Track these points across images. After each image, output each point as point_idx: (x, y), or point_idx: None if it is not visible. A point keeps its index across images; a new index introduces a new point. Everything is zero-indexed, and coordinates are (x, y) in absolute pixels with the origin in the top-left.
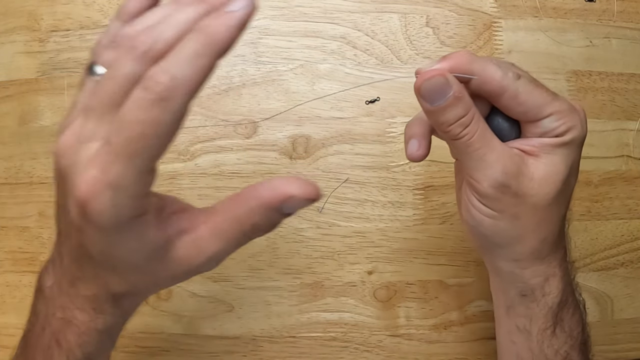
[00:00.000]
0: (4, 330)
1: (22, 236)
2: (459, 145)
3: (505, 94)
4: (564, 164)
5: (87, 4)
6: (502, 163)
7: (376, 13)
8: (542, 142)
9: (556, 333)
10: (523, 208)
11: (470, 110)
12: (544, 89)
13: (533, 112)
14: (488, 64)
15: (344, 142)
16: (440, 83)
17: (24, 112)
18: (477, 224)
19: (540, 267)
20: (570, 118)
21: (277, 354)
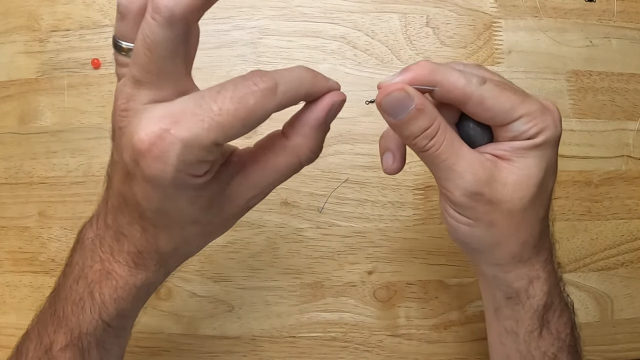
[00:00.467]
0: (4, 330)
1: (22, 236)
2: (426, 157)
3: (470, 101)
4: (537, 166)
5: (87, 4)
6: (472, 171)
7: (376, 13)
8: (514, 146)
9: (543, 335)
10: (498, 215)
11: (435, 121)
12: (512, 91)
13: (501, 117)
14: (450, 72)
15: (344, 142)
16: (400, 97)
17: (24, 112)
18: (454, 231)
19: (522, 270)
20: (542, 119)
21: (277, 354)
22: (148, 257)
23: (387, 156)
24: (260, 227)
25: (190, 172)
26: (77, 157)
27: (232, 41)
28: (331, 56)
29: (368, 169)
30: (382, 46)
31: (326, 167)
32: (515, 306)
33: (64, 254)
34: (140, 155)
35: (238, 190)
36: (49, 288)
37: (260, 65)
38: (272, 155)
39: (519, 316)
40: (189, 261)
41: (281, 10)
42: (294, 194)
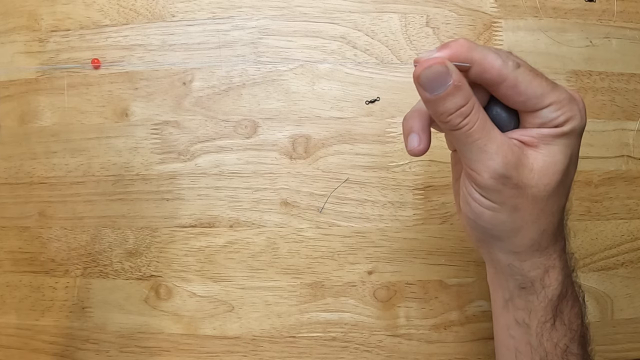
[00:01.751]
0: (3, 331)
1: (22, 236)
2: (458, 136)
3: (504, 82)
4: (563, 154)
5: (87, 4)
6: (502, 154)
7: (376, 13)
8: (541, 133)
9: (556, 326)
10: (523, 200)
11: (470, 99)
12: (543, 78)
13: (532, 102)
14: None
15: (344, 142)
16: (439, 72)
17: (24, 112)
18: (476, 216)
19: (539, 259)
20: (570, 108)
21: (277, 354)
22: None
23: (412, 137)
24: (260, 227)
25: None
26: (77, 157)
27: (232, 41)
28: (331, 56)
29: (368, 169)
30: (382, 46)
31: (326, 167)
32: (529, 296)
33: (64, 254)
34: None
35: None
36: (49, 288)
37: (260, 65)
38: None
39: (532, 307)
40: (189, 261)
41: (281, 10)
42: (294, 194)
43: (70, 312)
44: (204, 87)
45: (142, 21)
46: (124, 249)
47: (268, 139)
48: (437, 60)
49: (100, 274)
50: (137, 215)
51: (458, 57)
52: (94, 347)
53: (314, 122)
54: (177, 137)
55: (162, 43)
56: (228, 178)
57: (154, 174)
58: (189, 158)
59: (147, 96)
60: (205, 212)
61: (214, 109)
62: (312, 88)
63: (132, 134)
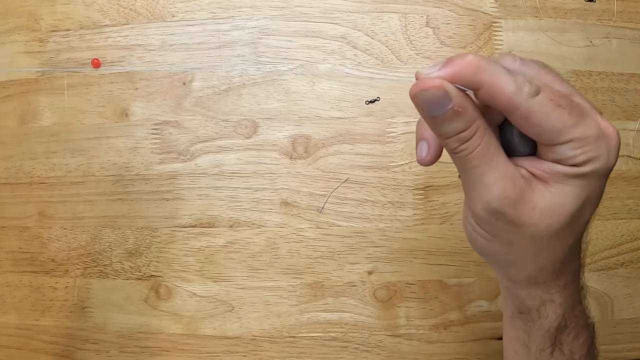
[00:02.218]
0: (3, 331)
1: (22, 236)
2: (456, 159)
3: (515, 112)
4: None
5: (87, 4)
6: (500, 187)
7: (376, 13)
8: (555, 169)
9: (555, 355)
10: (519, 237)
11: (473, 124)
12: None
13: (548, 137)
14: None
15: (344, 142)
16: (437, 95)
17: (24, 112)
18: (472, 240)
19: (536, 292)
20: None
21: (277, 354)
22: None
23: (421, 146)
24: (260, 227)
25: None
26: (77, 157)
27: (232, 41)
28: (331, 56)
29: (368, 169)
30: (382, 46)
31: (326, 167)
32: (527, 322)
33: (64, 254)
34: None
35: None
36: (49, 288)
37: (260, 65)
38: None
39: (531, 331)
40: (189, 261)
41: (281, 10)
42: (294, 194)
43: (70, 312)
44: (204, 87)
45: (142, 21)
46: (124, 249)
47: (268, 139)
48: (436, 83)
49: (100, 274)
50: (137, 215)
51: (462, 79)
52: (94, 347)
53: (314, 122)
54: (177, 137)
55: (162, 43)
56: (228, 178)
57: (154, 174)
58: (189, 158)
59: (147, 96)
60: (205, 212)
61: (214, 109)
62: (312, 88)
63: (132, 134)
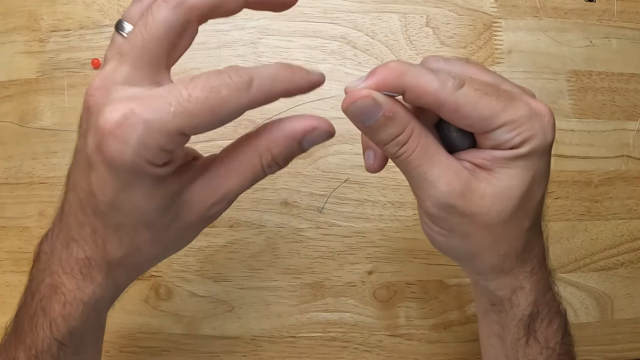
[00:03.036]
0: (4, 331)
1: (22, 236)
2: (398, 164)
3: (443, 107)
4: (520, 178)
5: (87, 4)
6: (445, 181)
7: (376, 13)
8: (495, 155)
9: (530, 344)
10: (473, 227)
11: (407, 126)
12: (494, 95)
13: (479, 125)
14: (421, 75)
15: (344, 142)
16: (366, 105)
17: (24, 112)
18: (430, 239)
19: (505, 280)
20: (528, 126)
21: (277, 354)
22: (95, 266)
23: (368, 154)
24: (260, 227)
25: (149, 158)
26: None
27: (232, 41)
28: (331, 56)
29: None
30: (382, 46)
31: (326, 167)
32: (499, 313)
33: None
34: (103, 136)
35: (199, 194)
36: None
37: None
38: (236, 154)
39: (504, 322)
40: (189, 261)
41: None
42: (294, 194)
43: None
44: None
45: None
46: None
47: None
48: (363, 93)
49: None
50: None
51: (387, 85)
52: None
53: None
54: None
55: None
56: None
57: None
58: None
59: None
60: None
61: None
62: None
63: None
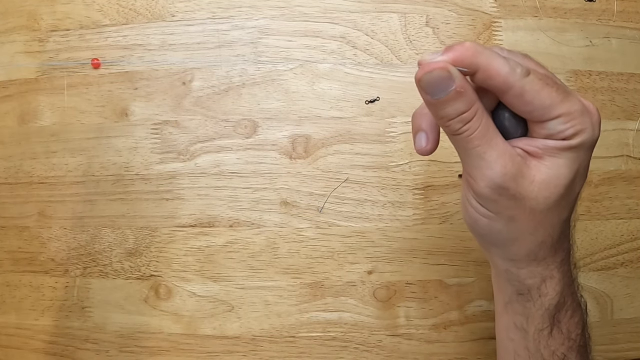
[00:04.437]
0: (3, 331)
1: (22, 236)
2: (458, 141)
3: (510, 91)
4: (568, 168)
5: (87, 4)
6: (502, 163)
7: (376, 13)
8: (547, 145)
9: (553, 334)
10: (520, 211)
11: (474, 105)
12: (555, 87)
13: (539, 113)
14: (495, 58)
15: (344, 142)
16: (442, 77)
17: (24, 112)
18: (472, 222)
19: (537, 269)
20: (581, 121)
21: (277, 354)
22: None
23: (420, 136)
24: (260, 227)
25: None
26: (77, 157)
27: (232, 41)
28: (331, 56)
29: (368, 169)
30: (382, 46)
31: (326, 167)
32: (526, 303)
33: (64, 254)
34: None
35: None
36: (49, 288)
37: (260, 65)
38: None
39: (530, 313)
40: (189, 261)
41: (281, 10)
42: (294, 194)
43: (70, 312)
44: (204, 87)
45: (142, 21)
46: (124, 249)
47: (268, 139)
48: (440, 65)
49: (100, 274)
50: (137, 215)
51: (462, 62)
52: (94, 347)
53: (314, 122)
54: (177, 137)
55: (162, 43)
56: (228, 178)
57: (154, 174)
58: (189, 158)
59: (147, 96)
60: (205, 212)
61: (214, 109)
62: (312, 88)
63: (132, 134)
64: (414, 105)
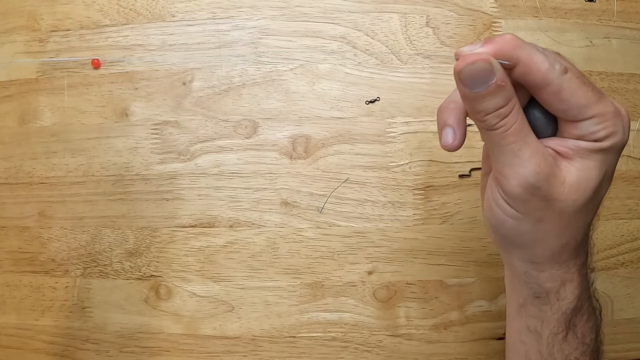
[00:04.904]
0: (3, 330)
1: (22, 236)
2: (492, 136)
3: (548, 87)
4: (598, 170)
5: (87, 4)
6: (535, 162)
7: (376, 13)
8: (579, 146)
9: (568, 338)
10: (549, 212)
11: (511, 100)
12: (590, 87)
13: (574, 112)
14: (535, 52)
15: (344, 142)
16: (483, 69)
17: (24, 112)
18: (498, 223)
19: (558, 272)
20: (613, 123)
21: (277, 354)
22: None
23: (446, 132)
24: (260, 227)
25: None
26: (77, 157)
27: (232, 41)
28: (331, 56)
29: (368, 169)
30: (382, 46)
31: (326, 167)
32: (542, 306)
33: (64, 254)
34: None
35: None
36: (49, 288)
37: (260, 65)
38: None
39: (545, 317)
40: (189, 261)
41: (281, 10)
42: (294, 194)
43: (70, 312)
44: (204, 87)
45: (142, 21)
46: (124, 249)
47: (268, 139)
48: (482, 56)
49: (100, 274)
50: (137, 215)
51: (503, 55)
52: (94, 347)
53: (314, 122)
54: (177, 137)
55: (162, 43)
56: (228, 178)
57: (154, 174)
58: (189, 158)
59: (147, 96)
60: (205, 212)
61: (214, 109)
62: (312, 88)
63: (132, 134)
64: (414, 105)
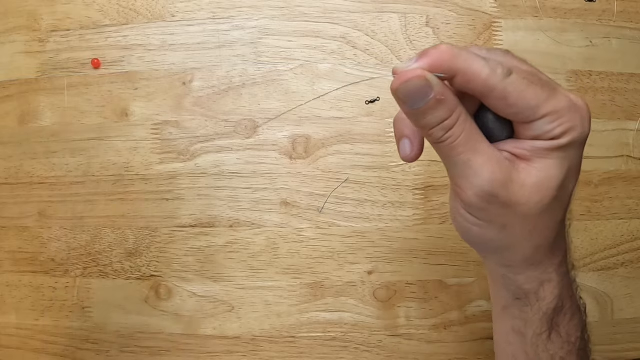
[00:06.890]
0: (3, 330)
1: (22, 236)
2: (442, 149)
3: (492, 94)
4: (559, 168)
5: (87, 4)
6: (489, 170)
7: (376, 13)
8: (535, 146)
9: (552, 338)
10: (512, 218)
11: (455, 111)
12: (539, 85)
13: (525, 114)
14: (473, 60)
15: (344, 142)
16: (419, 85)
17: (24, 112)
18: (464, 231)
19: (534, 273)
20: (569, 118)
21: (277, 354)
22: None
23: (404, 143)
24: (260, 227)
25: None
26: (77, 157)
27: (232, 41)
28: (331, 56)
29: (368, 169)
30: (382, 46)
31: (326, 167)
32: (523, 307)
33: (64, 254)
34: None
35: None
36: (49, 288)
37: (260, 65)
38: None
39: (527, 317)
40: (189, 261)
41: (281, 10)
42: (294, 194)
43: (70, 312)
44: (204, 87)
45: (142, 21)
46: (124, 249)
47: (268, 139)
48: (416, 73)
49: (100, 274)
50: (137, 215)
51: (439, 67)
52: (94, 347)
53: (314, 122)
54: (177, 137)
55: (162, 43)
56: (228, 178)
57: (154, 174)
58: (189, 158)
59: (147, 96)
60: (205, 212)
61: (214, 109)
62: (312, 88)
63: (132, 134)
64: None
